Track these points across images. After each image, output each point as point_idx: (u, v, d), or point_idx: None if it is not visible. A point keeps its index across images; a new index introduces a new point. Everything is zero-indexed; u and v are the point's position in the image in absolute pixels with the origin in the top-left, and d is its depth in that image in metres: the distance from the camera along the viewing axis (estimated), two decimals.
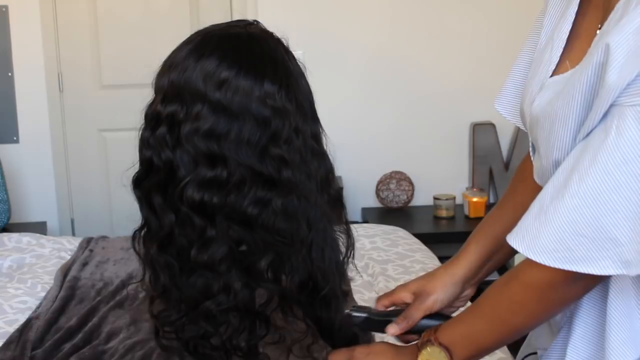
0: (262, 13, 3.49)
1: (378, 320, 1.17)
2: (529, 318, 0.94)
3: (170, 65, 1.03)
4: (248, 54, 1.01)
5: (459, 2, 3.64)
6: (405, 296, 1.19)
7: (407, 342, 1.18)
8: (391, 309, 1.21)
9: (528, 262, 0.88)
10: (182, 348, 1.08)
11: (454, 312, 1.19)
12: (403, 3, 3.63)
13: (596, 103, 0.82)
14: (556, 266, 0.84)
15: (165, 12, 3.64)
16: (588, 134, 0.84)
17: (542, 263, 0.84)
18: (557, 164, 0.91)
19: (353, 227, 1.17)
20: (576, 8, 0.96)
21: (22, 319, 1.89)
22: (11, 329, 1.83)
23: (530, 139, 1.02)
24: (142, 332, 1.72)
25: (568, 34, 0.96)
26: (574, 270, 0.83)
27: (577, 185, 0.82)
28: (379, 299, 1.22)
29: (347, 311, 1.18)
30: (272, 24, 1.11)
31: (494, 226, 1.19)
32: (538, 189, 1.12)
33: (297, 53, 1.09)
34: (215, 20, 1.12)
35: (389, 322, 1.16)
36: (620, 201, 0.80)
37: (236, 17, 1.29)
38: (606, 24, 0.85)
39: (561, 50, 0.96)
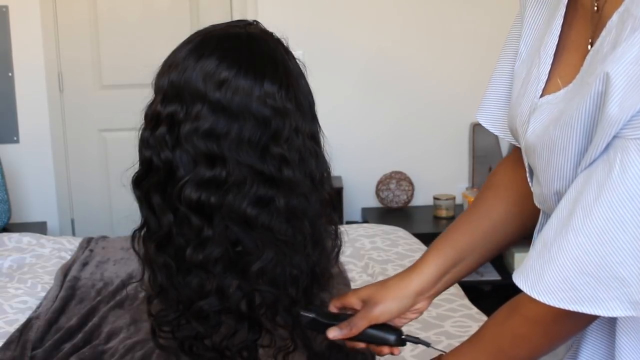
0: (262, 13, 3.49)
1: (324, 323, 1.12)
2: (533, 351, 0.91)
3: (170, 65, 1.03)
4: (248, 54, 1.01)
5: (459, 2, 3.64)
6: (354, 302, 1.14)
7: (352, 348, 1.14)
8: (345, 312, 1.15)
9: (529, 297, 0.85)
10: (178, 348, 1.09)
11: (404, 323, 1.14)
12: (403, 3, 3.63)
13: (597, 133, 0.79)
14: (561, 307, 0.80)
15: (165, 12, 3.64)
16: (590, 164, 0.81)
17: (547, 303, 0.81)
18: (558, 194, 0.88)
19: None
20: (561, 21, 0.93)
21: (22, 319, 1.89)
22: (11, 329, 1.83)
23: (525, 163, 0.98)
24: (142, 332, 1.73)
25: (555, 48, 0.93)
26: (579, 311, 0.80)
27: (582, 221, 0.79)
28: (332, 299, 1.16)
29: (299, 310, 1.12)
30: (272, 24, 1.11)
31: (457, 237, 1.13)
32: (507, 199, 1.08)
33: (297, 53, 1.09)
34: (215, 20, 1.12)
35: (334, 325, 1.11)
36: (627, 239, 0.76)
37: (236, 17, 1.29)
38: (599, 42, 0.82)
39: (549, 67, 0.93)
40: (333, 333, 1.10)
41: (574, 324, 0.87)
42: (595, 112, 0.81)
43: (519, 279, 0.85)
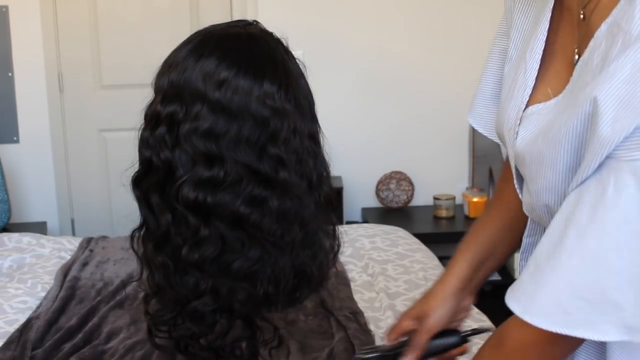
0: (262, 13, 3.49)
1: (389, 356, 1.16)
2: None
3: (170, 65, 1.03)
4: (247, 54, 1.01)
5: (460, 3, 3.64)
6: (409, 324, 1.18)
7: None
8: (403, 339, 1.19)
9: (521, 320, 0.83)
10: (174, 347, 1.09)
11: (459, 325, 1.19)
12: (404, 3, 3.63)
13: (588, 153, 0.77)
14: (554, 330, 0.79)
15: (165, 11, 3.64)
16: (581, 183, 0.79)
17: (539, 327, 0.80)
18: (547, 206, 0.88)
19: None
20: (547, 25, 0.93)
21: (22, 319, 1.89)
22: (11, 329, 1.83)
23: (513, 170, 0.99)
24: (142, 332, 1.72)
25: (541, 54, 0.93)
26: (573, 335, 0.78)
27: (575, 243, 0.77)
28: (387, 334, 1.21)
29: (357, 355, 1.18)
30: (272, 24, 1.11)
31: (482, 233, 1.17)
32: None
33: (297, 53, 1.09)
34: (215, 20, 1.12)
35: (400, 354, 1.15)
36: (622, 263, 0.75)
37: (236, 17, 1.29)
38: (587, 53, 0.82)
39: (536, 72, 0.93)
40: None
41: (569, 345, 0.86)
42: (583, 132, 0.79)
43: (511, 301, 0.83)
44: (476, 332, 1.18)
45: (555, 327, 0.79)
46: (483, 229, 1.17)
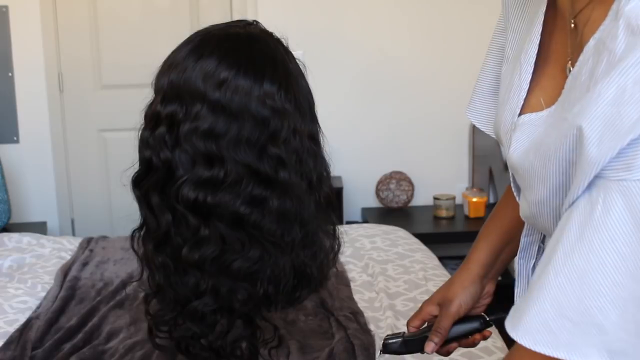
0: (262, 13, 3.49)
1: (414, 340, 1.19)
2: None
3: (170, 65, 1.03)
4: (247, 54, 1.01)
5: (459, 3, 3.64)
6: (432, 309, 1.20)
7: (448, 353, 1.20)
8: (424, 327, 1.22)
9: (522, 349, 0.80)
10: (175, 347, 1.09)
11: (482, 310, 1.21)
12: (404, 3, 3.63)
13: (578, 173, 0.77)
14: (537, 350, 0.77)
15: (165, 12, 3.64)
16: (573, 203, 0.78)
17: (524, 345, 0.77)
18: (542, 216, 0.89)
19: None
20: (540, 29, 0.93)
21: (22, 319, 1.89)
22: (11, 329, 1.83)
23: (510, 175, 0.99)
24: (142, 332, 1.73)
25: (535, 57, 0.93)
26: (555, 356, 0.76)
27: (562, 261, 0.76)
28: (408, 321, 1.23)
29: (383, 341, 1.20)
30: (272, 24, 1.11)
31: (501, 219, 1.19)
32: None
33: (297, 53, 1.09)
34: (215, 20, 1.12)
35: (425, 338, 1.17)
36: (607, 284, 0.73)
37: (236, 17, 1.29)
38: (577, 67, 0.82)
39: (530, 75, 0.93)
40: (429, 347, 1.16)
41: None
42: (570, 153, 0.80)
43: (507, 319, 0.82)
44: (500, 317, 1.20)
45: (539, 347, 0.77)
46: (502, 215, 1.19)
